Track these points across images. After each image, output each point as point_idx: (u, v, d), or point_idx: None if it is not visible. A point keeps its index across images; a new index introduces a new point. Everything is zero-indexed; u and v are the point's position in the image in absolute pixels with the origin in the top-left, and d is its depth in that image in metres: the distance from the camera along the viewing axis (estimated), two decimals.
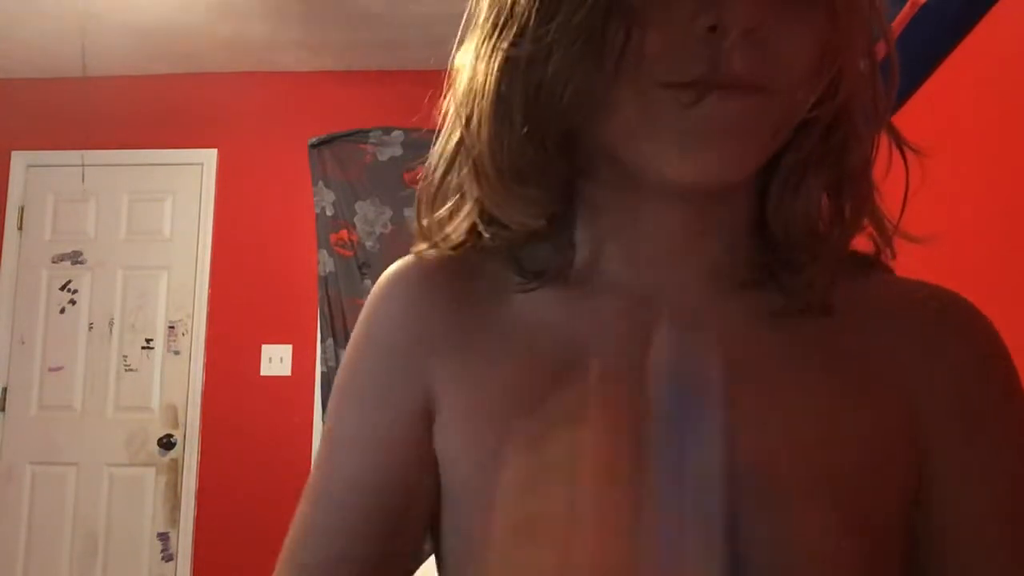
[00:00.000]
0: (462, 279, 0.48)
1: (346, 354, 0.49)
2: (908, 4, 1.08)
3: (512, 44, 0.39)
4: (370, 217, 3.00)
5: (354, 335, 0.49)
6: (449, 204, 0.47)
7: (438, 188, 0.47)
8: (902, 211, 0.47)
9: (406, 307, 0.48)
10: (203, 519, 3.17)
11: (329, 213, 3.01)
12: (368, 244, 2.99)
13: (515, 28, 0.39)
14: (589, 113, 0.40)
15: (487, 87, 0.41)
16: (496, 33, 0.41)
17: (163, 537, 3.17)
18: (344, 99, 3.35)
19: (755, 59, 0.37)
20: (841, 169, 0.44)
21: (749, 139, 0.39)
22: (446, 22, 0.50)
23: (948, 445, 0.44)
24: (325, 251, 3.00)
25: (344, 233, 3.00)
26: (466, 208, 0.47)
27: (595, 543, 0.40)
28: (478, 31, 0.43)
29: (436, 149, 0.47)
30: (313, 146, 3.05)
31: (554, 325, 0.45)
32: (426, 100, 0.49)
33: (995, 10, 0.92)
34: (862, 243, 0.47)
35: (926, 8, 1.04)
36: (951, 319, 0.46)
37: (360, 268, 2.98)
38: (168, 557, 3.15)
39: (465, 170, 0.45)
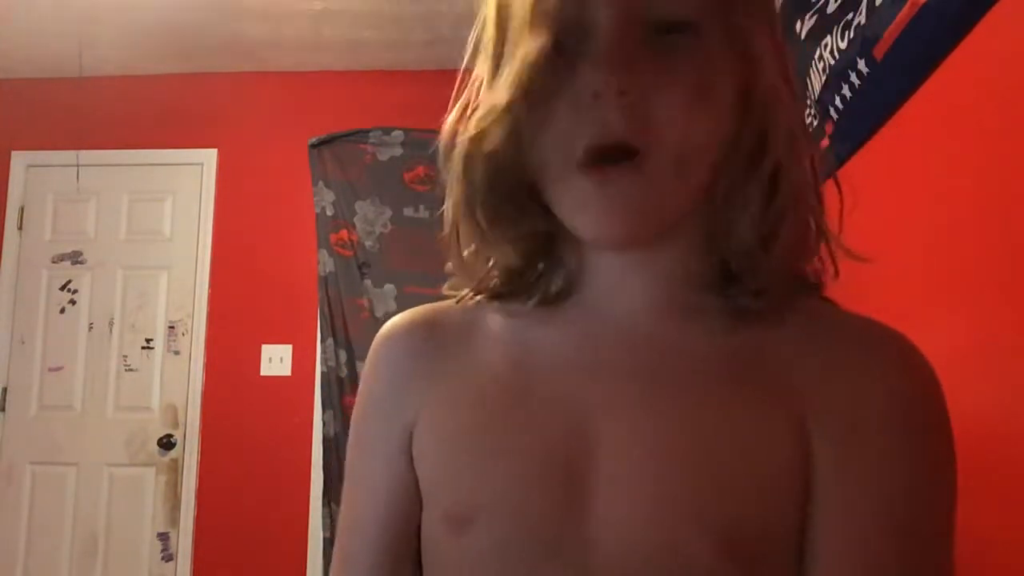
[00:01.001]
0: (438, 326, 0.57)
1: (354, 406, 0.60)
2: (908, 4, 1.08)
3: (468, 126, 0.49)
4: (370, 217, 3.00)
5: (358, 391, 0.59)
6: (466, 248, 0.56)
7: (452, 240, 0.55)
8: (830, 246, 0.49)
9: (389, 361, 0.58)
10: (203, 519, 3.17)
11: (329, 213, 3.01)
12: (368, 244, 2.99)
13: (471, 113, 0.49)
14: (528, 178, 0.48)
15: (459, 159, 0.50)
16: (461, 116, 0.51)
17: (163, 537, 3.17)
18: (344, 99, 3.35)
19: (631, 120, 0.43)
20: (771, 200, 0.47)
21: (637, 204, 0.45)
22: (447, 22, 0.53)
23: (824, 474, 0.45)
24: (325, 251, 3.00)
25: (344, 233, 2.99)
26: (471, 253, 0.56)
27: (521, 536, 0.47)
28: (456, 111, 0.53)
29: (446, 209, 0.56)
30: (313, 146, 3.05)
31: (515, 355, 0.53)
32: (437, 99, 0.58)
33: (995, 10, 0.92)
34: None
35: (926, 8, 1.04)
36: (872, 353, 0.47)
37: (360, 268, 2.98)
38: (168, 557, 3.15)
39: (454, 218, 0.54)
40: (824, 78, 1.42)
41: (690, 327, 0.49)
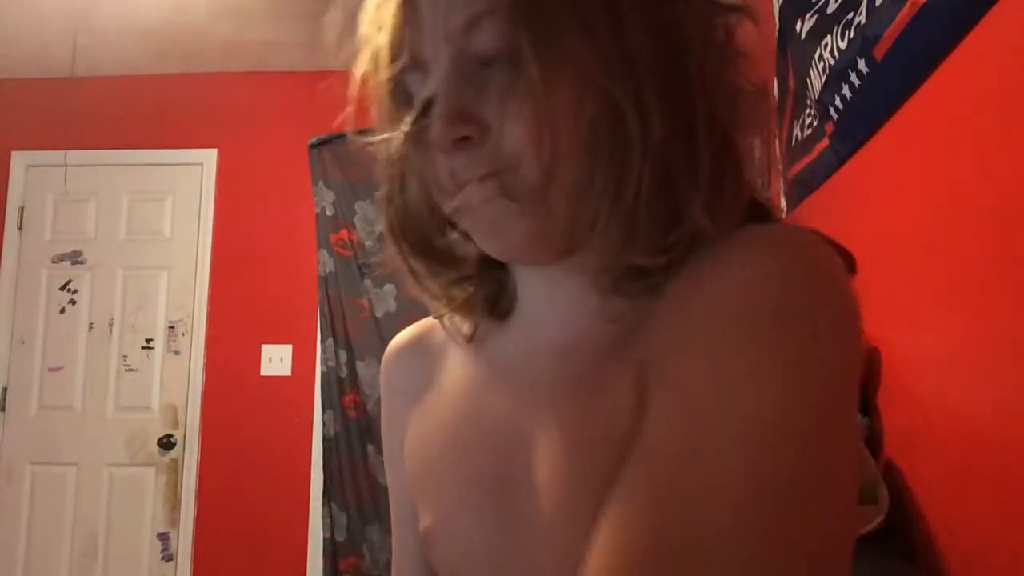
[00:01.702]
0: (424, 345, 0.62)
1: None
2: (908, 4, 1.08)
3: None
4: (370, 217, 3.00)
5: None
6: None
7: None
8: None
9: (387, 384, 0.63)
10: (203, 519, 3.17)
11: (329, 213, 3.01)
12: (368, 244, 2.99)
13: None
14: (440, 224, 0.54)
15: (386, 228, 0.57)
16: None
17: (163, 537, 3.17)
18: (344, 99, 3.35)
19: (476, 161, 0.46)
20: (633, 200, 0.44)
21: (512, 226, 0.47)
22: None
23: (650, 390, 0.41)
24: (325, 251, 3.00)
25: (344, 233, 2.99)
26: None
27: (475, 541, 0.50)
28: None
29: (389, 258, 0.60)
30: (313, 146, 3.05)
31: (471, 375, 0.56)
32: None
33: (995, 10, 0.92)
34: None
35: (926, 8, 1.04)
36: (704, 263, 0.43)
37: (360, 268, 2.98)
38: (168, 557, 3.15)
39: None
40: (824, 78, 1.42)
41: (602, 324, 0.49)
